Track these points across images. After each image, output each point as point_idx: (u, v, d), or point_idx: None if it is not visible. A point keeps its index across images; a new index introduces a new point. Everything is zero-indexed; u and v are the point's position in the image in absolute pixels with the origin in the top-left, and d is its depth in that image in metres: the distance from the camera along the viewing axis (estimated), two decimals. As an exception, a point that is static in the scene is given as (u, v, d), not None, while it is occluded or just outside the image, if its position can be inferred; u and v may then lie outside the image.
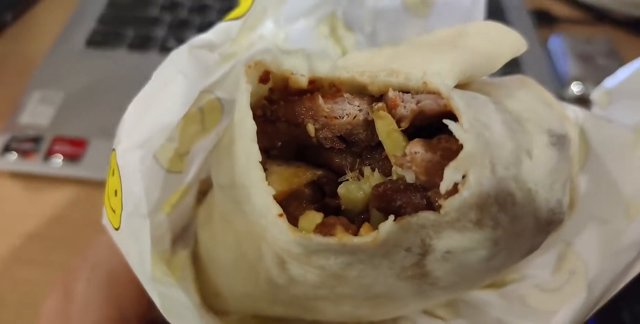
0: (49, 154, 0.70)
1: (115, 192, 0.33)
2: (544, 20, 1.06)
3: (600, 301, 0.34)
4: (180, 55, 0.34)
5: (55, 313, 0.42)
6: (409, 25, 0.52)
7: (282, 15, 0.45)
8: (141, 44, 0.87)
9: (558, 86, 0.92)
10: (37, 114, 0.76)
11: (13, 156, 0.69)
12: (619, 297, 0.35)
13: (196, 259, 0.44)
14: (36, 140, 0.72)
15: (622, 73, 0.41)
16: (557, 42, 1.00)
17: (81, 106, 0.77)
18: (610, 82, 0.41)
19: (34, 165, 0.70)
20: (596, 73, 0.93)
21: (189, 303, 0.36)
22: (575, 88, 0.92)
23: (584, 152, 0.41)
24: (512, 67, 0.89)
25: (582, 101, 0.90)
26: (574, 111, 0.41)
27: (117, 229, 0.33)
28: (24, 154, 0.70)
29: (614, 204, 0.40)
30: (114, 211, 0.33)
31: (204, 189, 0.44)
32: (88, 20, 0.92)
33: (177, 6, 0.95)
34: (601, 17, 1.08)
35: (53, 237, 0.65)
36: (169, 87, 0.33)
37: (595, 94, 0.43)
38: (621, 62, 0.96)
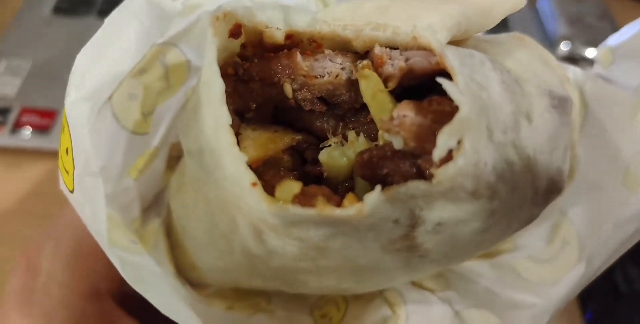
0: (17, 126, 0.68)
1: (67, 150, 0.30)
2: (533, -21, 1.02)
3: (599, 271, 0.32)
4: (135, 2, 0.31)
5: (19, 290, 0.40)
6: None
7: None
8: (111, 10, 0.82)
9: (547, 45, 0.89)
10: (3, 84, 0.72)
11: (-22, 129, 0.66)
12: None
13: (170, 230, 0.41)
14: (3, 112, 0.69)
15: (627, 31, 0.38)
16: (546, 2, 0.97)
17: (49, 76, 0.74)
18: (614, 40, 0.38)
19: (2, 138, 0.67)
20: (586, 33, 0.91)
21: (158, 271, 0.33)
22: (564, 47, 0.89)
23: (582, 114, 0.39)
24: (501, 27, 0.86)
25: (571, 60, 0.87)
26: (573, 72, 0.39)
27: (72, 191, 0.30)
28: (-10, 126, 0.67)
29: (611, 170, 0.38)
30: (67, 172, 0.30)
31: (176, 154, 0.41)
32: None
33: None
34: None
35: (26, 212, 0.62)
36: (122, 34, 0.30)
37: (598, 52, 0.40)
38: (613, 22, 0.93)
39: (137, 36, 0.30)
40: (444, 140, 0.22)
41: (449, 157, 0.23)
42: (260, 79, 0.30)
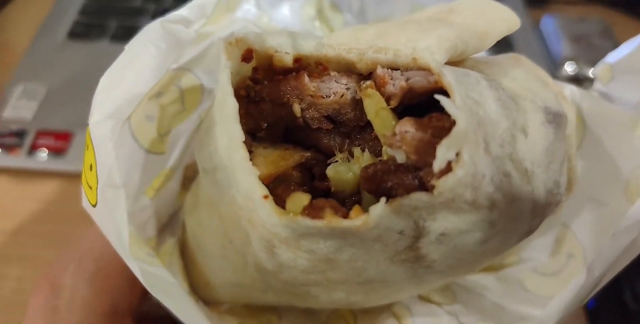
0: (33, 148, 0.69)
1: (90, 166, 0.31)
2: (536, 1, 1.04)
3: (600, 283, 0.33)
4: (152, 29, 0.33)
5: (42, 309, 0.41)
6: (398, 0, 0.51)
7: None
8: (124, 35, 0.85)
9: (551, 66, 0.91)
10: (19, 108, 0.74)
11: (-3, 151, 0.68)
12: (620, 276, 0.34)
13: (185, 248, 0.42)
14: (20, 134, 0.70)
15: (625, 48, 0.40)
16: (550, 23, 0.98)
17: (64, 99, 0.76)
18: (613, 57, 0.40)
19: (18, 160, 0.68)
20: (590, 53, 0.92)
21: (175, 282, 0.35)
22: (569, 68, 0.91)
23: (580, 131, 0.40)
24: (505, 48, 0.88)
25: (576, 80, 0.89)
26: (570, 90, 0.40)
27: (94, 205, 0.32)
28: (8, 149, 0.69)
29: (611, 185, 0.39)
30: (90, 188, 0.32)
31: (190, 176, 0.42)
32: (70, 12, 0.90)
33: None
34: (594, -4, 1.07)
35: (42, 232, 0.63)
36: (140, 58, 0.32)
37: (597, 69, 0.42)
38: (615, 41, 0.95)
39: (154, 61, 0.32)
40: (443, 152, 0.24)
41: (448, 168, 0.24)
42: (270, 99, 0.31)
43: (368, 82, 0.30)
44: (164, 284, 0.34)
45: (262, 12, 0.45)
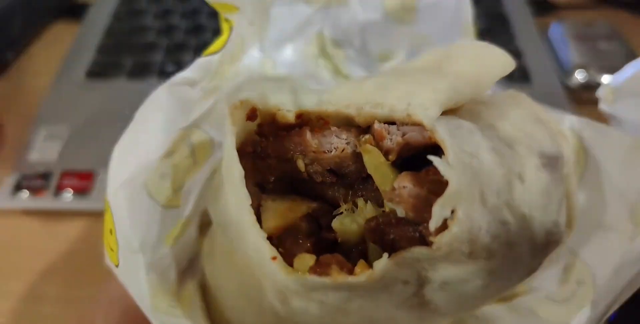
0: (59, 189, 0.71)
1: (111, 231, 0.34)
2: (543, 8, 1.04)
3: (605, 314, 0.33)
4: (159, 94, 0.35)
5: None
6: (397, 33, 0.52)
7: (267, 42, 0.45)
8: (140, 71, 0.87)
9: (562, 74, 0.91)
10: (44, 150, 0.76)
11: (25, 194, 0.70)
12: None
13: (205, 289, 0.44)
14: (45, 176, 0.72)
15: (628, 70, 0.40)
16: (558, 30, 0.98)
17: (86, 138, 0.77)
18: (616, 79, 0.41)
19: (45, 201, 0.70)
20: (600, 58, 0.92)
21: None
22: (580, 76, 0.90)
23: (582, 161, 0.41)
24: (514, 57, 0.88)
25: (588, 87, 0.88)
26: (570, 121, 0.41)
27: (117, 266, 0.34)
28: (35, 191, 0.70)
29: (618, 210, 0.40)
30: (112, 250, 0.34)
31: (207, 220, 0.44)
32: (87, 52, 0.92)
33: (172, 29, 0.95)
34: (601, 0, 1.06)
35: (70, 271, 0.64)
36: (149, 125, 0.34)
37: (601, 91, 0.42)
38: (624, 44, 0.94)
39: (163, 126, 0.34)
40: (438, 211, 0.25)
41: (444, 226, 0.26)
42: (275, 156, 0.33)
43: (367, 137, 0.31)
44: None
45: (266, 56, 0.47)
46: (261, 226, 0.32)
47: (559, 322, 0.40)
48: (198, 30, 0.94)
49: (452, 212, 0.26)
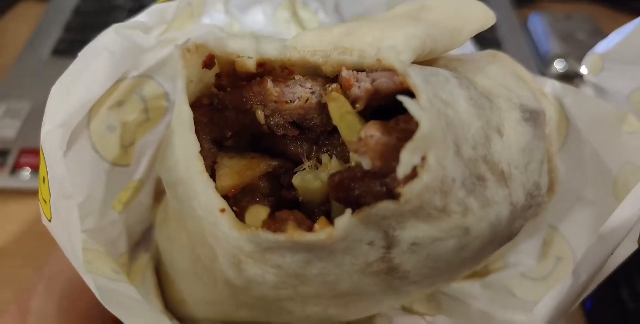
0: (16, 167, 0.67)
1: (44, 179, 0.30)
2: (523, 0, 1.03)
3: (588, 286, 0.31)
4: (106, 35, 0.31)
5: None
6: None
7: (232, 4, 0.42)
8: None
9: (540, 64, 0.90)
10: (2, 126, 0.72)
11: (-21, 171, 0.67)
12: (617, 275, 0.32)
13: (159, 265, 0.41)
14: (2, 153, 0.69)
15: (614, 38, 0.38)
16: (537, 21, 0.97)
17: (47, 116, 0.75)
18: (602, 47, 0.38)
19: (1, 179, 0.66)
20: (579, 49, 0.91)
21: (140, 299, 0.33)
22: (559, 65, 0.89)
23: (564, 128, 0.38)
24: (493, 48, 0.87)
25: (566, 77, 0.87)
26: (552, 85, 0.39)
27: (50, 220, 0.30)
28: (-10, 168, 0.67)
29: (599, 183, 0.38)
30: (45, 202, 0.30)
31: (163, 188, 0.41)
32: (54, 29, 0.89)
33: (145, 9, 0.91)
34: (580, -8, 1.06)
35: (23, 253, 0.61)
36: (92, 65, 0.30)
37: (587, 59, 0.40)
38: (603, 36, 0.93)
39: (107, 65, 0.31)
40: (407, 157, 0.22)
41: (414, 174, 0.23)
42: (233, 107, 0.30)
43: (333, 85, 0.28)
44: (128, 301, 0.32)
45: (232, 18, 0.44)
46: (216, 186, 0.29)
47: (535, 300, 0.37)
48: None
49: (423, 159, 0.23)
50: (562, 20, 0.97)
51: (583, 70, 0.41)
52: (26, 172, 0.67)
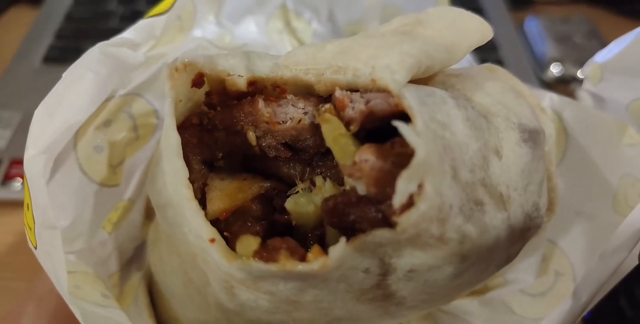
0: (7, 178, 0.66)
1: (28, 206, 0.29)
2: (519, 2, 1.02)
3: (589, 305, 0.30)
4: (90, 55, 0.30)
5: None
6: (366, 3, 0.48)
7: (224, 15, 0.41)
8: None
9: (537, 68, 0.89)
10: (-8, 136, 0.72)
11: (-32, 181, 0.66)
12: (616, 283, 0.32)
13: (152, 282, 0.40)
14: (-7, 164, 0.68)
15: (614, 47, 0.37)
16: (534, 24, 0.96)
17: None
18: (602, 56, 0.38)
19: None
20: (576, 53, 0.90)
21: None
22: (555, 69, 0.88)
23: (563, 142, 0.38)
24: (489, 52, 0.86)
25: (563, 81, 0.87)
26: (550, 99, 0.38)
27: (35, 247, 0.30)
28: (-20, 179, 0.66)
29: (599, 197, 0.37)
30: (30, 229, 0.30)
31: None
32: (45, 37, 0.87)
33: (138, 15, 0.89)
34: (578, -5, 1.05)
35: (15, 265, 0.60)
36: (76, 86, 0.29)
37: (586, 69, 0.39)
38: (601, 39, 0.93)
39: (91, 87, 0.30)
40: (403, 185, 0.22)
41: (410, 202, 0.22)
42: (223, 127, 0.29)
43: (327, 106, 0.27)
44: None
45: (223, 30, 0.43)
46: (206, 209, 0.28)
47: (535, 316, 0.37)
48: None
49: (420, 187, 0.22)
50: (558, 23, 0.96)
51: (580, 74, 0.41)
52: (17, 183, 0.66)
